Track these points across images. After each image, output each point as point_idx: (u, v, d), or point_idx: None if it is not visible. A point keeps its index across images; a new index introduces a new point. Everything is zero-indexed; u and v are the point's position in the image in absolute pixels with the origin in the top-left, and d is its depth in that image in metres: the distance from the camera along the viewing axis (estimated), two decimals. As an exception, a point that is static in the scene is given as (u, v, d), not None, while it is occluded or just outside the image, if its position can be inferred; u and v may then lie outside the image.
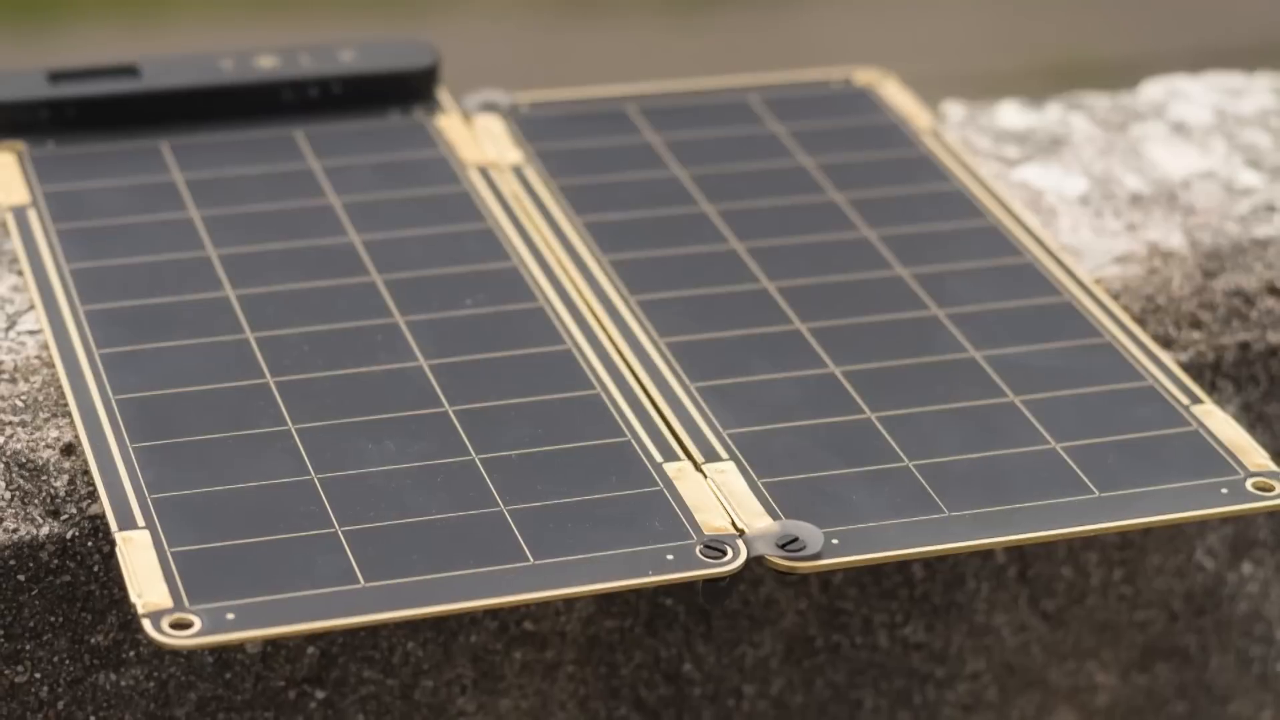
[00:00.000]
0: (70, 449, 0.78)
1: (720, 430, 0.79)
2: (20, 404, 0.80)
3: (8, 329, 0.84)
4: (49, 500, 0.78)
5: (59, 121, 0.93)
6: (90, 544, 0.78)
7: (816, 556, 0.74)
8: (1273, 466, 0.79)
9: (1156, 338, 0.89)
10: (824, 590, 0.89)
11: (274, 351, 0.81)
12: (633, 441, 0.79)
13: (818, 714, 0.91)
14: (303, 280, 0.85)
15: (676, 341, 0.84)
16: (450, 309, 0.85)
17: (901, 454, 0.79)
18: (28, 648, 0.78)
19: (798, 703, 0.90)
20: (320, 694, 0.83)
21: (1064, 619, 0.93)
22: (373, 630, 0.82)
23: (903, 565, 0.89)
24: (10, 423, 0.79)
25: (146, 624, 0.69)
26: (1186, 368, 0.89)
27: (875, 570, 0.89)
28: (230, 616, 0.69)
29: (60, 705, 0.80)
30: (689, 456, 0.78)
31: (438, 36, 1.06)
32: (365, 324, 0.83)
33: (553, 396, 0.80)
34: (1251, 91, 1.07)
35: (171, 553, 0.72)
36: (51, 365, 0.82)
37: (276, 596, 0.70)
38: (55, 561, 0.77)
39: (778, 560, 0.74)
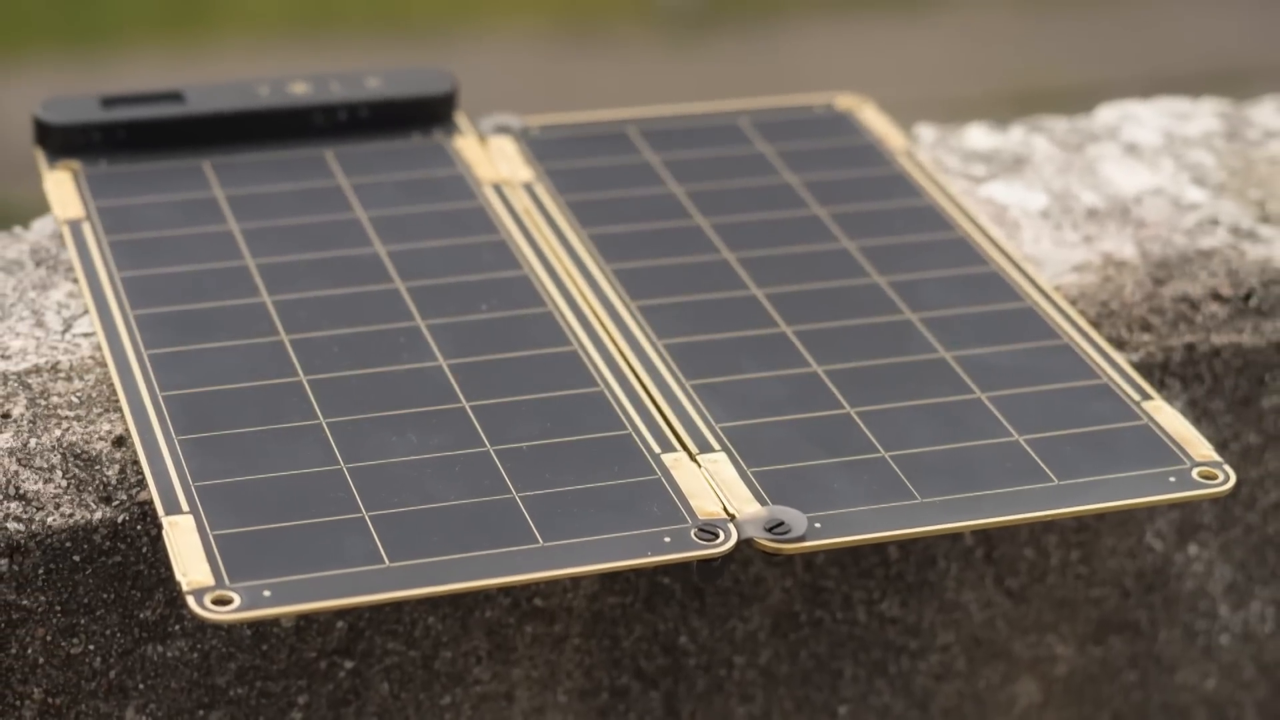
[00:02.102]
0: (121, 441, 0.78)
1: (713, 424, 0.79)
2: (76, 400, 0.80)
3: (64, 331, 0.84)
4: (102, 488, 0.78)
5: (111, 143, 0.93)
6: (139, 528, 0.78)
7: (801, 539, 0.74)
8: (1216, 457, 0.79)
9: (1110, 340, 0.89)
10: (808, 569, 0.89)
11: (306, 352, 0.81)
12: (633, 434, 0.79)
13: (802, 683, 0.91)
14: (332, 287, 0.85)
15: (673, 343, 0.84)
16: (467, 313, 0.85)
17: (878, 445, 0.79)
18: (83, 622, 0.78)
19: (784, 672, 0.90)
20: (349, 664, 0.83)
21: (1026, 596, 0.93)
22: (396, 606, 0.82)
23: (879, 547, 0.89)
24: (67, 417, 0.79)
25: (190, 600, 0.69)
26: (1137, 367, 0.89)
27: (854, 551, 0.89)
28: (267, 593, 0.69)
29: (112, 674, 0.80)
30: (684, 448, 0.78)
31: (456, 66, 1.06)
32: (389, 327, 0.83)
33: (560, 393, 0.80)
34: (1197, 116, 1.07)
35: (213, 535, 0.72)
36: (104, 364, 0.82)
37: (309, 575, 0.70)
38: (107, 544, 0.77)
39: (765, 542, 0.74)
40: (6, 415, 0.79)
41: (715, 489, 0.76)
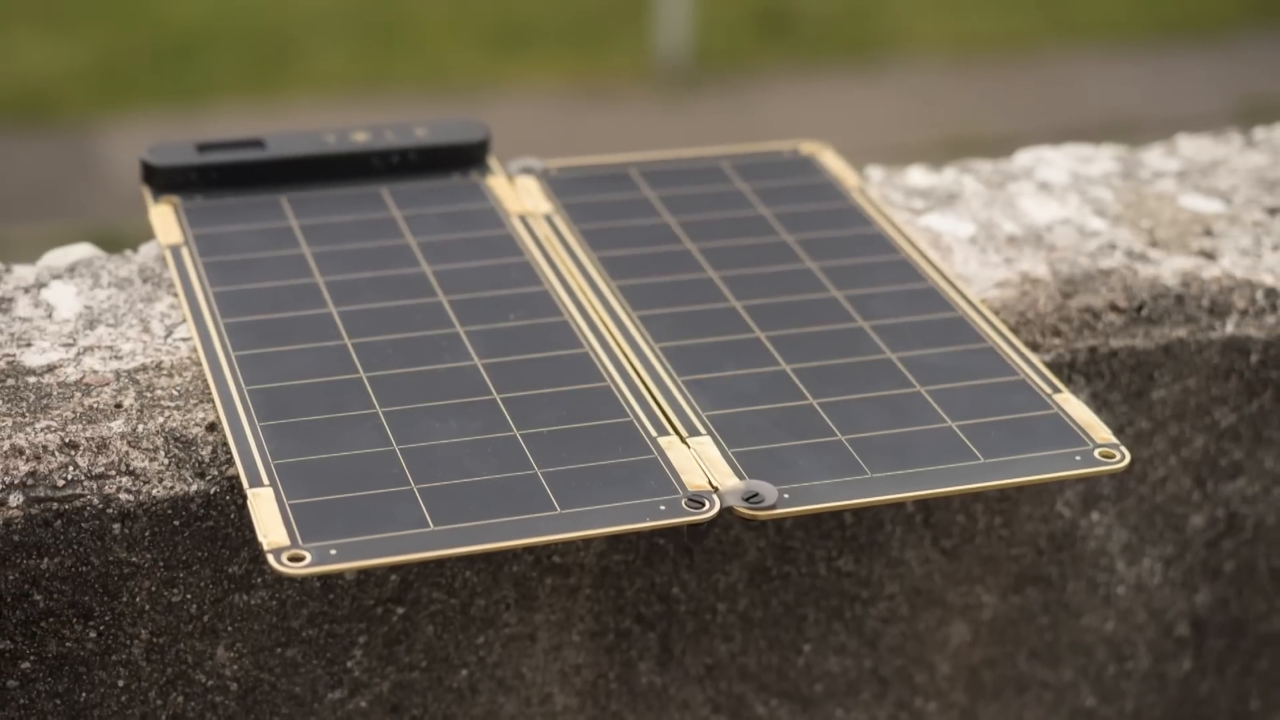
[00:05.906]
0: (213, 427, 0.78)
1: (700, 412, 0.79)
2: (176, 393, 0.80)
3: (166, 336, 0.84)
4: (197, 465, 0.77)
5: (205, 181, 0.92)
6: (228, 498, 0.78)
7: (772, 508, 0.74)
8: (1114, 440, 0.79)
9: (1026, 343, 0.89)
10: (778, 532, 0.89)
11: (365, 354, 0.81)
12: (634, 421, 0.78)
13: (773, 625, 0.91)
14: (387, 300, 0.85)
15: (667, 346, 0.84)
16: (497, 321, 0.84)
17: (835, 430, 0.79)
18: (181, 575, 0.78)
19: (758, 617, 0.90)
20: (400, 610, 0.83)
21: (958, 554, 0.93)
22: (440, 562, 0.82)
23: (837, 513, 0.89)
24: (168, 407, 0.79)
25: (270, 558, 0.69)
26: (1049, 366, 0.89)
27: (816, 517, 0.89)
28: (333, 552, 0.69)
29: (206, 619, 0.80)
30: (676, 432, 0.78)
31: (489, 118, 1.06)
32: (434, 333, 0.83)
33: (574, 387, 0.80)
34: (1098, 159, 1.07)
35: (289, 504, 0.72)
36: (199, 364, 0.82)
37: (368, 537, 0.70)
38: (202, 511, 0.77)
39: (743, 510, 0.74)
40: (119, 405, 0.79)
41: (702, 466, 0.76)
